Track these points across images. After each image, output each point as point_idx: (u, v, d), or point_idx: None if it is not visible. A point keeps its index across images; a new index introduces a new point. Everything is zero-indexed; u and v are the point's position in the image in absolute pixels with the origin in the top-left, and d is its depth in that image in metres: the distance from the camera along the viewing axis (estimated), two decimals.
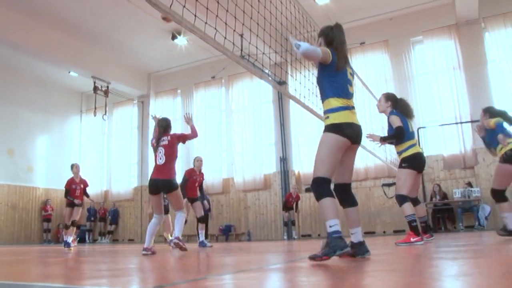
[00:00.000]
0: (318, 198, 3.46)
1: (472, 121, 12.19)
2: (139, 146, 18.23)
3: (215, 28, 3.41)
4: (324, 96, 3.65)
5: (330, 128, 3.51)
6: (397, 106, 6.22)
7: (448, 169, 12.89)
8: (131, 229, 17.91)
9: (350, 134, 3.50)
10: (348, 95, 3.65)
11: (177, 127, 17.49)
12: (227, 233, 15.26)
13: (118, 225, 18.20)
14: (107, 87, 16.67)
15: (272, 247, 7.25)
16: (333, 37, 3.74)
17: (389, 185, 13.14)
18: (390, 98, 6.33)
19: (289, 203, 13.57)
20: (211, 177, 15.92)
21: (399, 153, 6.03)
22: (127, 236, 17.89)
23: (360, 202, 13.58)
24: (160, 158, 6.26)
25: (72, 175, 10.39)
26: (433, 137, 13.42)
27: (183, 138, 6.63)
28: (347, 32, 13.29)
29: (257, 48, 5.14)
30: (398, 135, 5.86)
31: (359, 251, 3.59)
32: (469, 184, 12.15)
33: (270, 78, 13.75)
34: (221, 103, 16.79)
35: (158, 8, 2.41)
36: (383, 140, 6.02)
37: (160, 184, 6.18)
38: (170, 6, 2.51)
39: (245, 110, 16.02)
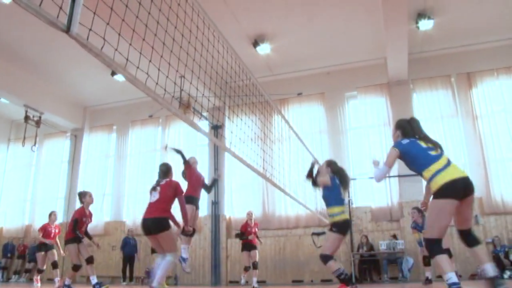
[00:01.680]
0: (434, 255, 3.90)
1: (399, 176, 12.72)
2: (68, 180, 17.48)
3: (155, 70, 3.44)
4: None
5: (435, 194, 3.98)
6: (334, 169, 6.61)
7: (375, 221, 13.29)
8: (51, 268, 16.88)
9: (453, 193, 3.89)
10: (434, 160, 4.14)
11: (109, 164, 17.08)
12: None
13: (37, 263, 17.14)
14: (40, 117, 16.03)
15: None
16: (410, 129, 4.59)
17: (318, 234, 13.32)
18: (330, 164, 6.75)
19: (249, 235, 10.92)
20: (141, 218, 15.46)
21: (331, 216, 6.29)
22: (47, 275, 16.88)
23: (290, 250, 13.68)
24: (154, 196, 5.91)
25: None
26: (363, 189, 13.85)
27: (179, 191, 6.06)
28: (285, 83, 13.82)
29: (197, 89, 5.21)
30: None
31: (495, 284, 3.84)
32: (394, 237, 12.55)
33: (202, 126, 13.82)
34: (156, 142, 16.58)
35: (89, 51, 2.40)
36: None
37: (148, 224, 5.73)
38: (102, 48, 2.51)
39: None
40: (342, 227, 6.24)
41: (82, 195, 9.17)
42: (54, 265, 10.45)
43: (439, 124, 13.26)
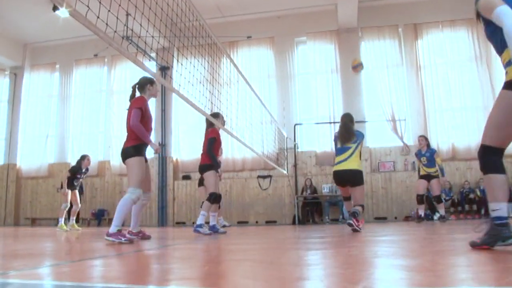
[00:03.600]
0: (486, 171, 2.94)
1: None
2: (8, 121, 16.80)
3: (97, 4, 3.31)
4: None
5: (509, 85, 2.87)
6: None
7: (319, 165, 13.71)
8: None
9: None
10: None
11: (52, 105, 16.50)
12: (100, 217, 14.77)
13: None
14: None
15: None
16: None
17: (264, 177, 13.67)
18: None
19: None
20: None
21: None
22: None
23: (236, 192, 13.98)
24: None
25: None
26: (308, 134, 14.17)
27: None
28: (235, 25, 13.60)
29: (147, 31, 5.09)
30: None
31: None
32: None
33: (150, 67, 13.54)
34: (102, 83, 16.10)
35: None
36: None
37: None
38: None
39: (126, 92, 15.34)
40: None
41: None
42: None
43: (384, 73, 13.59)
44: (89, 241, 5.45)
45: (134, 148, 5.11)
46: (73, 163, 15.42)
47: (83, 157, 10.62)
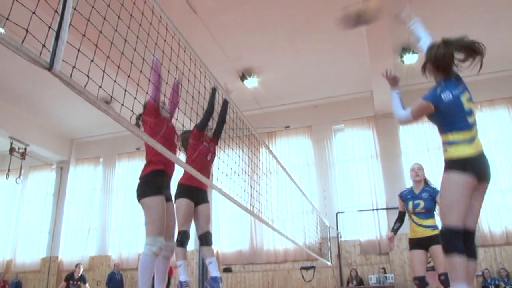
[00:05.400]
0: (448, 252, 3.06)
1: (387, 208, 12.72)
2: (52, 214, 17.17)
3: (140, 106, 3.42)
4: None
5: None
6: None
7: (364, 254, 13.17)
8: None
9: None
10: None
11: (95, 198, 16.86)
12: None
13: None
14: (25, 149, 15.88)
15: None
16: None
17: (307, 268, 13.19)
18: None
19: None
20: (127, 252, 15.33)
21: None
22: None
23: (278, 284, 13.48)
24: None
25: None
26: (351, 222, 13.78)
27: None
28: (273, 116, 13.74)
29: (183, 125, 5.17)
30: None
31: None
32: (384, 270, 12.43)
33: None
34: None
35: (73, 89, 2.37)
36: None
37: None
38: (85, 85, 2.48)
39: None
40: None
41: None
42: None
43: (425, 156, 13.32)
44: None
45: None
46: (114, 255, 15.49)
47: (76, 266, 12.89)
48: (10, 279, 16.89)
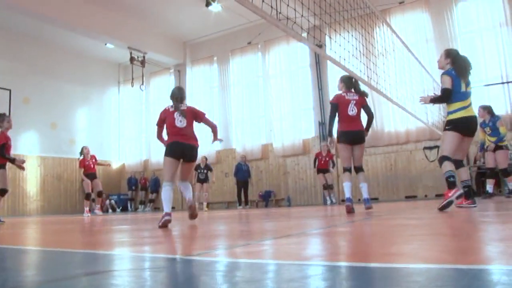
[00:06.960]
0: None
1: None
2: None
3: None
4: None
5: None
6: (455, 63, 5.65)
7: None
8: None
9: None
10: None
11: (214, 95, 17.57)
12: (267, 199, 15.36)
13: (159, 193, 18.54)
14: (143, 57, 16.79)
15: (313, 212, 7.21)
16: None
17: (430, 148, 12.86)
18: (450, 55, 5.77)
19: (321, 165, 13.02)
20: (250, 144, 16.05)
21: (448, 113, 5.66)
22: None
23: (402, 165, 13.40)
24: (180, 121, 5.31)
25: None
26: (477, 98, 12.88)
27: (199, 115, 5.56)
28: None
29: (295, 10, 5.02)
30: (444, 97, 5.57)
31: None
32: None
33: (302, 49, 13.56)
34: (258, 69, 16.67)
35: None
36: (432, 101, 5.77)
37: (187, 149, 5.37)
38: None
39: (282, 75, 15.87)
40: (457, 124, 5.46)
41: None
42: (100, 194, 12.23)
43: None
44: (263, 222, 5.57)
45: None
46: (238, 148, 16.33)
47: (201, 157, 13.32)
48: (149, 176, 18.78)
